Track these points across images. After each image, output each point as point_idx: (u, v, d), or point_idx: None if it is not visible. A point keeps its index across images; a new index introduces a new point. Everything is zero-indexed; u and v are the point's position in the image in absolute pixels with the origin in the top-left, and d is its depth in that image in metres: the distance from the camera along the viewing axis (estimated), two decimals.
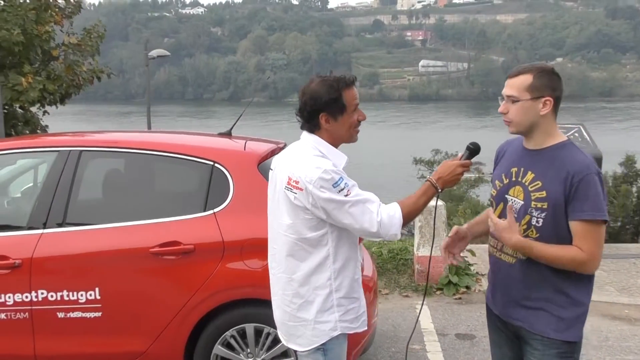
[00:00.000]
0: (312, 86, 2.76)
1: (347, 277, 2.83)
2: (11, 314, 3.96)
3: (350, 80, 2.79)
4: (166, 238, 3.90)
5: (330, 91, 2.73)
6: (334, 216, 2.68)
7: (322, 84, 2.74)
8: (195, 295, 3.89)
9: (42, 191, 4.12)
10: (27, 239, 4.00)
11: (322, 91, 2.73)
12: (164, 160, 4.15)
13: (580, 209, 2.57)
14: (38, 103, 9.38)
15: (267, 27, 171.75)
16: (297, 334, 2.85)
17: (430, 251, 3.40)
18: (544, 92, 2.64)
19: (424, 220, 6.75)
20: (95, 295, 3.93)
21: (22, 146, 4.49)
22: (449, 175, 2.79)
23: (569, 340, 2.67)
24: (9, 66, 8.89)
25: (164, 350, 3.97)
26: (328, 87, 2.73)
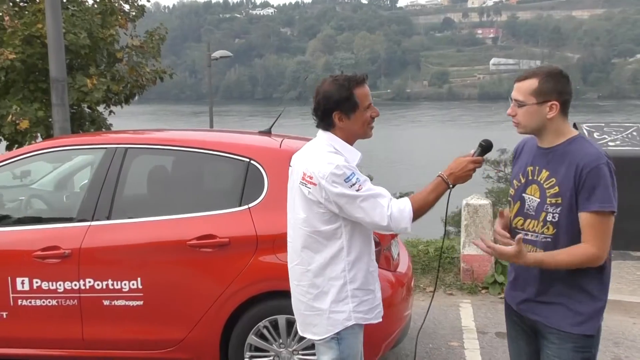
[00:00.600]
0: (324, 86, 2.88)
1: (362, 269, 2.93)
2: (62, 301, 4.24)
3: (361, 79, 2.89)
4: (203, 231, 4.09)
5: (342, 90, 2.83)
6: (346, 210, 2.78)
7: (333, 84, 2.86)
8: (229, 286, 4.06)
9: (90, 186, 4.39)
10: (77, 230, 4.26)
11: (334, 91, 2.84)
12: (202, 157, 4.35)
13: (588, 200, 2.59)
14: (103, 103, 9.83)
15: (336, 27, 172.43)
16: (313, 323, 2.97)
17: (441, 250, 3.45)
18: (549, 97, 2.67)
19: (469, 219, 6.74)
20: (137, 284, 4.15)
21: (74, 143, 4.79)
22: (461, 171, 2.85)
23: (586, 334, 2.69)
24: (76, 68, 9.36)
25: (200, 338, 4.16)
26: (339, 86, 2.84)
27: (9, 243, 4.36)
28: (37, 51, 8.77)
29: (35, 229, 4.41)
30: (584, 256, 2.61)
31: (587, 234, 2.61)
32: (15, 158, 4.60)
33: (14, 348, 4.38)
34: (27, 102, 8.81)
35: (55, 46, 7.66)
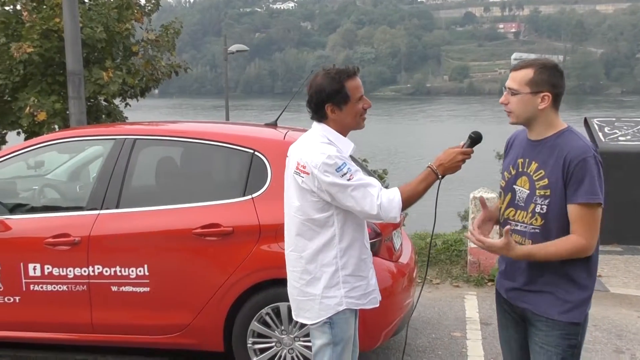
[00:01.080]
0: (317, 80, 2.97)
1: (353, 257, 3.02)
2: (71, 287, 4.38)
3: (352, 72, 2.97)
4: (208, 220, 4.20)
5: (333, 83, 2.92)
6: (338, 199, 2.87)
7: (325, 77, 2.95)
8: (233, 274, 4.17)
9: (100, 175, 4.52)
10: (86, 218, 4.40)
11: (326, 83, 2.93)
12: (208, 148, 4.46)
13: (576, 193, 2.65)
14: (119, 96, 10.00)
15: (356, 21, 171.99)
16: (306, 308, 3.06)
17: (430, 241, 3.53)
18: (542, 88, 2.73)
19: (477, 212, 6.79)
20: (144, 271, 4.28)
21: (85, 134, 4.94)
22: (450, 162, 2.93)
23: (573, 321, 2.76)
24: (93, 61, 9.53)
25: (205, 324, 4.27)
26: (331, 79, 2.93)
27: (22, 230, 4.51)
28: (54, 45, 8.95)
29: (47, 217, 4.56)
30: (573, 247, 2.67)
31: (576, 226, 2.67)
32: (29, 148, 4.75)
33: (26, 331, 4.54)
34: (44, 94, 9.00)
35: (72, 40, 7.83)
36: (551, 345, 2.79)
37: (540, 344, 2.84)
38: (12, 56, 8.66)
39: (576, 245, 2.67)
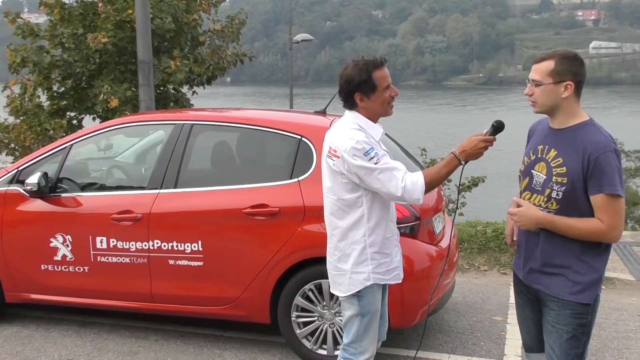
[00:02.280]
0: (346, 71, 3.22)
1: (380, 235, 3.26)
2: (133, 259, 4.79)
3: (380, 62, 3.21)
4: (256, 201, 4.51)
5: (361, 73, 3.16)
6: (365, 181, 3.12)
7: (354, 68, 3.19)
8: (278, 252, 4.47)
9: (160, 157, 4.90)
10: (147, 197, 4.79)
11: (354, 74, 3.18)
12: (259, 133, 4.77)
13: (598, 185, 2.81)
14: (187, 84, 10.44)
15: (428, 9, 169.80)
16: (338, 282, 3.33)
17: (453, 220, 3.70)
18: (565, 77, 2.88)
19: None
20: (198, 247, 4.64)
21: (147, 119, 5.35)
22: (472, 149, 3.12)
23: (583, 302, 2.92)
24: (162, 51, 10.00)
25: (253, 297, 4.60)
26: (359, 70, 3.17)
27: (91, 207, 4.94)
28: (127, 35, 9.45)
29: (113, 195, 4.98)
30: (593, 228, 2.84)
31: (598, 214, 2.84)
32: (99, 131, 5.19)
33: (94, 299, 4.99)
34: (117, 82, 9.53)
35: (142, 30, 8.30)
36: (562, 324, 2.97)
37: (552, 323, 3.01)
38: (89, 46, 9.22)
39: (596, 227, 2.83)
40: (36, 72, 9.48)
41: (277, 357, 4.67)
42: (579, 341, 2.96)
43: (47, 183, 4.93)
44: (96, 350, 4.78)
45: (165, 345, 4.87)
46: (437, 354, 4.77)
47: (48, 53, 9.50)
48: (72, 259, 4.92)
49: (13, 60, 9.35)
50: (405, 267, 4.31)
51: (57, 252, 4.94)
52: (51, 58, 9.38)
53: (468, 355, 4.75)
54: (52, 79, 9.67)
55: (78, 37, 9.58)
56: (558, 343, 2.99)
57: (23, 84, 9.80)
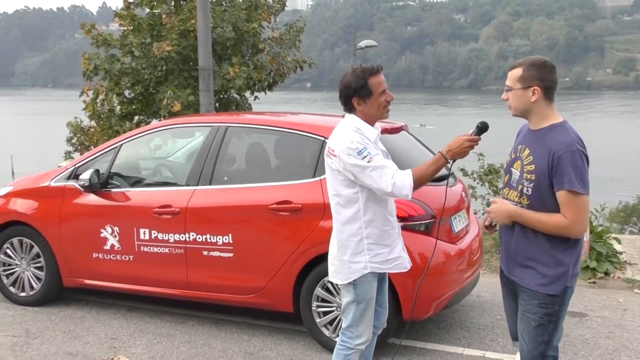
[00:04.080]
0: (346, 77, 3.53)
1: (377, 228, 3.53)
2: (172, 249, 5.23)
3: (375, 70, 3.50)
4: (281, 197, 4.86)
5: (358, 80, 3.46)
6: (359, 178, 3.40)
7: (352, 75, 3.49)
8: (301, 245, 4.79)
9: (197, 156, 5.33)
10: (185, 193, 5.22)
11: (352, 80, 3.48)
12: (286, 135, 5.14)
13: (560, 182, 3.02)
14: (247, 89, 10.94)
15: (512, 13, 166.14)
16: (338, 271, 3.62)
17: None
18: (531, 83, 3.12)
19: None
20: (229, 239, 5.02)
21: (188, 122, 5.83)
22: (458, 148, 3.35)
23: (550, 293, 3.13)
24: (224, 58, 10.55)
25: (278, 287, 4.94)
26: (356, 77, 3.47)
27: (136, 201, 5.43)
28: (190, 43, 10.04)
29: (155, 191, 5.46)
30: (556, 223, 3.05)
31: (562, 209, 3.06)
32: (144, 133, 5.70)
33: (137, 285, 5.46)
34: (181, 88, 10.12)
35: (203, 39, 8.84)
36: (530, 313, 3.18)
37: (523, 311, 3.24)
38: (155, 54, 9.86)
39: (559, 222, 3.03)
40: (107, 79, 10.21)
41: (300, 344, 4.99)
42: (545, 329, 3.17)
43: (98, 179, 5.45)
44: (138, 332, 5.25)
45: (200, 330, 5.29)
46: (453, 347, 4.97)
47: (119, 61, 10.22)
48: (119, 249, 5.42)
49: (87, 67, 10.11)
50: (419, 263, 4.60)
51: (107, 242, 5.45)
52: (121, 66, 10.08)
53: (483, 350, 4.92)
54: (122, 85, 10.37)
55: (146, 46, 10.25)
56: (527, 330, 3.21)
57: (96, 90, 10.56)
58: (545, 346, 3.21)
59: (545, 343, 3.20)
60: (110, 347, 4.96)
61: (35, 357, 4.76)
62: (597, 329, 5.39)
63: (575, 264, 3.19)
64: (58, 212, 5.63)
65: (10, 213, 5.90)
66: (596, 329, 5.41)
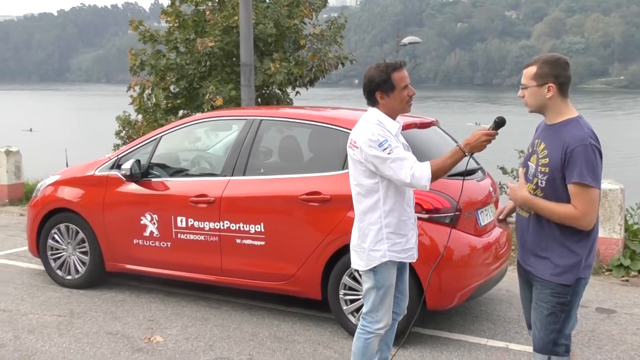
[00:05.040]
0: (369, 72, 3.66)
1: (395, 217, 3.67)
2: (207, 237, 5.45)
3: (399, 65, 3.62)
4: (311, 188, 5.03)
5: (382, 74, 3.59)
6: (379, 169, 3.54)
7: (376, 70, 3.63)
8: (329, 235, 4.95)
9: (232, 148, 5.54)
10: (220, 183, 5.45)
11: (376, 75, 3.61)
12: (316, 128, 5.32)
13: (571, 174, 3.12)
14: (289, 85, 11.15)
15: (565, 9, 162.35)
16: (358, 258, 3.77)
17: None
18: (546, 80, 3.21)
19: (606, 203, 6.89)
20: (261, 228, 5.22)
21: (224, 115, 6.07)
22: (475, 142, 3.47)
23: (562, 283, 3.22)
24: (266, 54, 10.78)
25: (307, 275, 5.11)
26: (380, 71, 3.60)
27: (174, 190, 5.67)
28: (233, 40, 10.30)
29: (192, 181, 5.70)
30: (566, 213, 3.14)
31: (572, 200, 3.14)
32: (183, 125, 5.95)
33: (174, 271, 5.71)
34: (223, 83, 10.40)
35: (245, 35, 9.09)
36: (543, 302, 3.28)
37: (536, 300, 3.33)
38: (198, 49, 10.16)
39: (569, 212, 3.12)
40: (153, 74, 10.56)
41: (327, 330, 5.16)
42: (557, 317, 3.26)
43: (139, 169, 5.72)
44: (174, 315, 5.50)
45: (233, 315, 5.51)
46: (477, 338, 5.06)
47: (164, 57, 10.56)
48: (158, 236, 5.67)
49: (133, 63, 10.47)
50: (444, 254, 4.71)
51: (146, 228, 5.71)
52: (166, 61, 10.41)
53: (507, 341, 5.00)
54: (167, 80, 10.70)
55: (190, 41, 10.55)
56: (539, 318, 3.31)
57: (142, 85, 10.92)
58: (557, 334, 3.30)
59: (557, 331, 3.29)
60: (148, 328, 5.22)
61: (78, 335, 5.05)
62: (625, 326, 5.40)
63: (588, 255, 3.26)
64: (101, 200, 5.92)
65: (57, 200, 6.23)
66: (624, 325, 5.41)
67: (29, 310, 5.60)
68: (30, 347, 4.80)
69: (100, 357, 4.65)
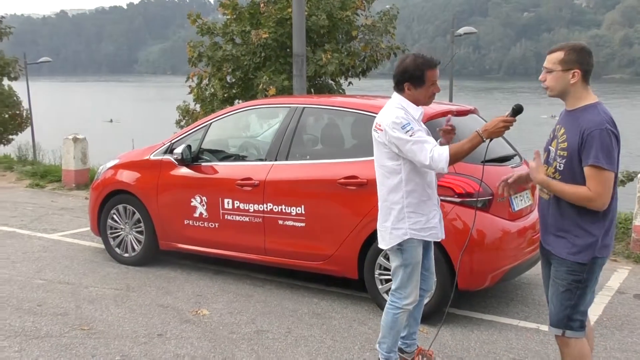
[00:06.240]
0: (406, 61, 3.85)
1: (416, 198, 3.88)
2: (252, 218, 5.77)
3: (434, 64, 3.82)
4: (349, 173, 5.28)
5: (417, 69, 3.79)
6: (402, 150, 3.75)
7: (413, 62, 3.81)
8: (365, 217, 5.18)
9: (277, 134, 5.83)
10: (264, 167, 5.75)
11: (411, 67, 3.81)
12: (354, 115, 5.58)
13: (586, 157, 3.26)
14: (341, 75, 11.39)
15: None
16: (383, 237, 4.00)
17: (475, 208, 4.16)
18: (572, 66, 3.35)
19: None
20: (302, 210, 5.50)
21: (269, 103, 6.39)
22: (493, 128, 3.63)
23: (578, 261, 3.37)
24: (318, 45, 11.05)
25: (344, 255, 5.37)
26: (415, 66, 3.79)
27: (222, 174, 6.01)
28: (286, 31, 10.60)
29: (239, 165, 6.03)
30: (580, 193, 3.29)
31: (587, 182, 3.29)
32: (231, 112, 6.28)
33: (221, 250, 6.06)
34: (277, 73, 10.74)
35: (297, 27, 9.36)
36: (559, 279, 3.43)
37: (553, 278, 3.49)
38: (252, 41, 10.52)
39: (583, 193, 3.27)
40: (210, 65, 10.98)
41: (364, 308, 5.40)
42: (573, 294, 3.40)
43: (190, 153, 6.08)
44: (221, 291, 5.85)
45: (276, 292, 5.81)
46: (509, 319, 5.21)
47: (221, 48, 10.96)
48: (207, 217, 6.03)
49: (191, 55, 10.92)
50: (476, 237, 4.90)
51: (196, 210, 6.08)
52: (222, 52, 10.81)
53: (538, 323, 5.13)
54: (224, 71, 11.11)
55: (246, 33, 10.92)
56: (555, 294, 3.46)
57: (200, 75, 11.37)
58: (572, 310, 3.44)
59: (572, 307, 3.44)
60: (196, 302, 5.58)
61: (132, 306, 5.45)
62: None
63: (605, 235, 3.39)
64: (156, 183, 6.32)
65: (116, 183, 6.67)
66: None
67: (90, 283, 6.06)
68: (90, 316, 5.22)
69: (151, 326, 5.02)
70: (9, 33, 20.27)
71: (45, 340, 4.72)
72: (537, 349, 4.69)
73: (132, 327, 4.99)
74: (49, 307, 5.39)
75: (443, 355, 4.55)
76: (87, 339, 4.74)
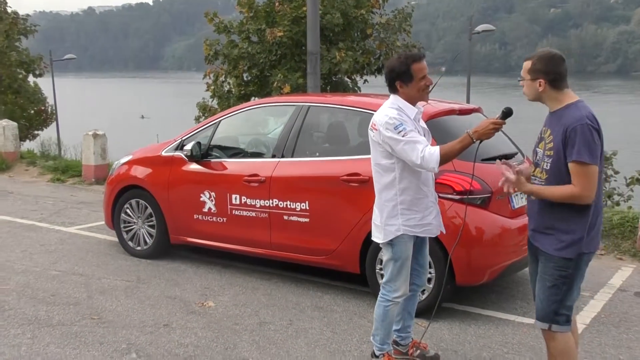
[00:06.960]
0: (391, 62, 3.99)
1: (410, 195, 4.00)
2: (258, 213, 5.92)
3: (418, 57, 3.94)
4: (351, 170, 5.41)
5: (401, 65, 3.91)
6: (394, 150, 3.87)
7: (397, 60, 3.95)
8: (367, 213, 5.25)
9: (283, 131, 5.98)
10: (270, 164, 5.90)
11: (396, 65, 3.94)
12: (356, 113, 5.69)
13: (570, 153, 3.37)
14: (355, 73, 11.51)
15: None
16: (377, 232, 4.13)
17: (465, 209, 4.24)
18: (538, 75, 3.48)
19: None
20: (306, 206, 5.64)
21: (277, 101, 6.53)
22: (483, 130, 3.74)
23: (564, 257, 3.48)
24: (333, 43, 11.18)
25: (347, 250, 5.50)
26: (400, 62, 3.92)
27: (230, 170, 6.17)
28: (301, 29, 10.74)
29: (246, 161, 6.18)
30: (567, 192, 3.39)
31: (572, 178, 3.39)
32: (240, 110, 6.45)
33: (229, 244, 6.23)
34: (292, 71, 10.89)
35: (312, 25, 9.50)
36: (546, 275, 3.54)
37: (540, 273, 3.59)
38: (267, 39, 10.69)
39: (569, 191, 3.38)
40: (227, 63, 11.17)
41: (365, 302, 5.53)
42: (559, 289, 3.51)
43: (200, 150, 6.25)
44: (228, 284, 6.02)
45: (281, 286, 5.97)
46: (507, 315, 5.31)
47: (237, 46, 11.14)
48: (215, 211, 6.20)
49: (208, 52, 11.12)
50: (474, 233, 5.01)
51: (205, 205, 6.25)
52: (238, 50, 10.99)
53: None
54: (240, 69, 11.29)
55: (262, 31, 11.09)
56: (542, 290, 3.57)
57: (216, 73, 11.56)
58: (558, 305, 3.54)
59: (558, 302, 3.54)
60: (203, 294, 5.76)
61: (141, 297, 5.65)
62: None
63: (590, 231, 3.48)
64: (167, 178, 6.51)
65: (130, 178, 6.87)
66: None
67: (102, 275, 6.27)
68: (100, 306, 5.42)
69: (158, 316, 5.21)
70: (34, 31, 20.70)
71: (56, 328, 4.93)
72: (532, 344, 4.78)
73: (139, 317, 5.18)
74: (62, 297, 5.61)
75: (438, 348, 4.66)
76: (96, 328, 4.94)
